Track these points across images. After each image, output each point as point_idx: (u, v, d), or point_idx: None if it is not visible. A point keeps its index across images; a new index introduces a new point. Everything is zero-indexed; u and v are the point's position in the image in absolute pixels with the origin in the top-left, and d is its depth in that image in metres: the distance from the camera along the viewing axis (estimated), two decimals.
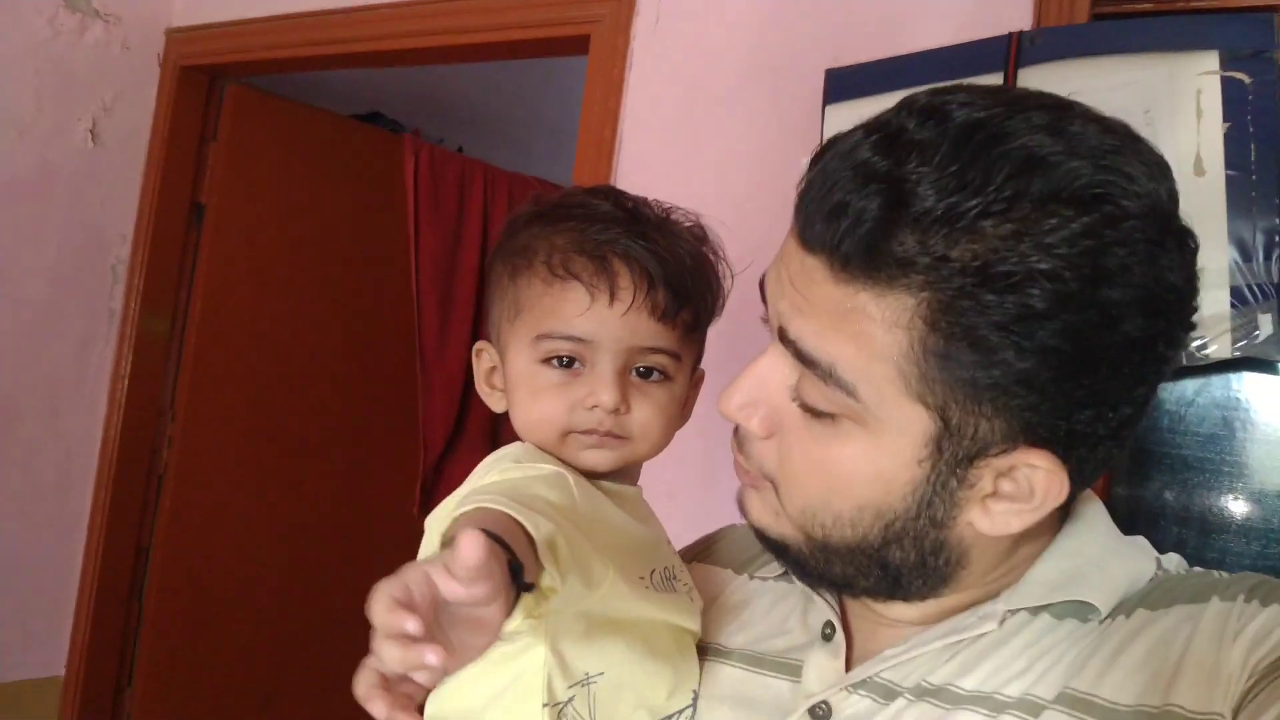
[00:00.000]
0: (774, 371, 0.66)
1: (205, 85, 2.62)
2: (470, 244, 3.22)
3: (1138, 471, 1.47)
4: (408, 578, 0.51)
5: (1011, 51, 1.50)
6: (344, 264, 2.99)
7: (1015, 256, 0.55)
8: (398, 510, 3.10)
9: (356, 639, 0.59)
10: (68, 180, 2.42)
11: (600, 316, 0.76)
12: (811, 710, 0.69)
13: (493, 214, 3.27)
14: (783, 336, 0.65)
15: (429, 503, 3.21)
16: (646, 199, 0.84)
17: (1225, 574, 0.67)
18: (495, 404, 0.85)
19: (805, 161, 0.65)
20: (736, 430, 0.71)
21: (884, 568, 0.67)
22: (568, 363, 0.78)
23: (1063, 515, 0.70)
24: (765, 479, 0.69)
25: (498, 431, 3.38)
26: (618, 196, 0.82)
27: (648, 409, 0.79)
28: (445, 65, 2.35)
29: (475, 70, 2.77)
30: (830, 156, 0.61)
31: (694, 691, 0.78)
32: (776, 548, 0.72)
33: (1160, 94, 1.39)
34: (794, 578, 0.77)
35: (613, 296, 0.76)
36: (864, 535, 0.65)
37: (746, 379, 0.68)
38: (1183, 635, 0.61)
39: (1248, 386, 1.42)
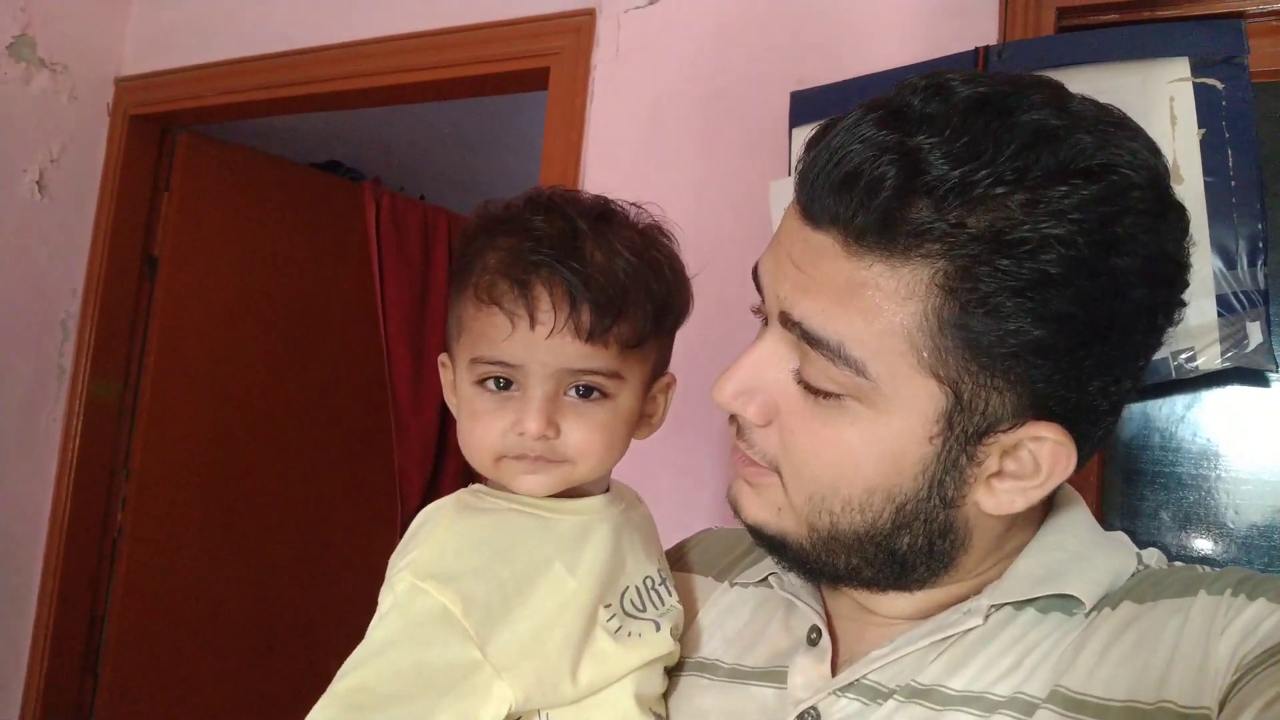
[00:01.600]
0: (771, 358, 0.65)
1: (157, 134, 2.56)
2: (438, 291, 3.17)
3: (1132, 493, 1.42)
4: None
5: (979, 66, 1.48)
6: (306, 315, 2.92)
7: (1030, 224, 0.56)
8: (369, 568, 3.00)
9: None
10: (13, 234, 2.34)
11: (525, 341, 0.75)
12: (800, 717, 0.68)
13: None
14: (785, 320, 0.64)
15: None
16: (599, 200, 0.82)
17: (1209, 569, 0.67)
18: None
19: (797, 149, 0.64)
20: (733, 419, 0.70)
21: (892, 554, 0.66)
22: (504, 384, 0.77)
23: (1044, 511, 0.71)
24: (770, 468, 0.68)
25: (469, 481, 3.30)
26: (555, 208, 0.79)
27: (583, 429, 0.77)
28: (404, 106, 2.30)
29: (434, 117, 2.73)
30: (833, 134, 0.60)
31: (656, 715, 0.77)
32: (774, 544, 0.70)
33: (1133, 102, 1.36)
34: (776, 584, 0.77)
35: (533, 321, 0.74)
36: (874, 521, 0.64)
37: (741, 367, 0.67)
38: (1171, 629, 0.61)
39: (1240, 398, 1.38)
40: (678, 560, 0.90)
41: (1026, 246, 0.56)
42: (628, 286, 0.77)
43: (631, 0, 1.86)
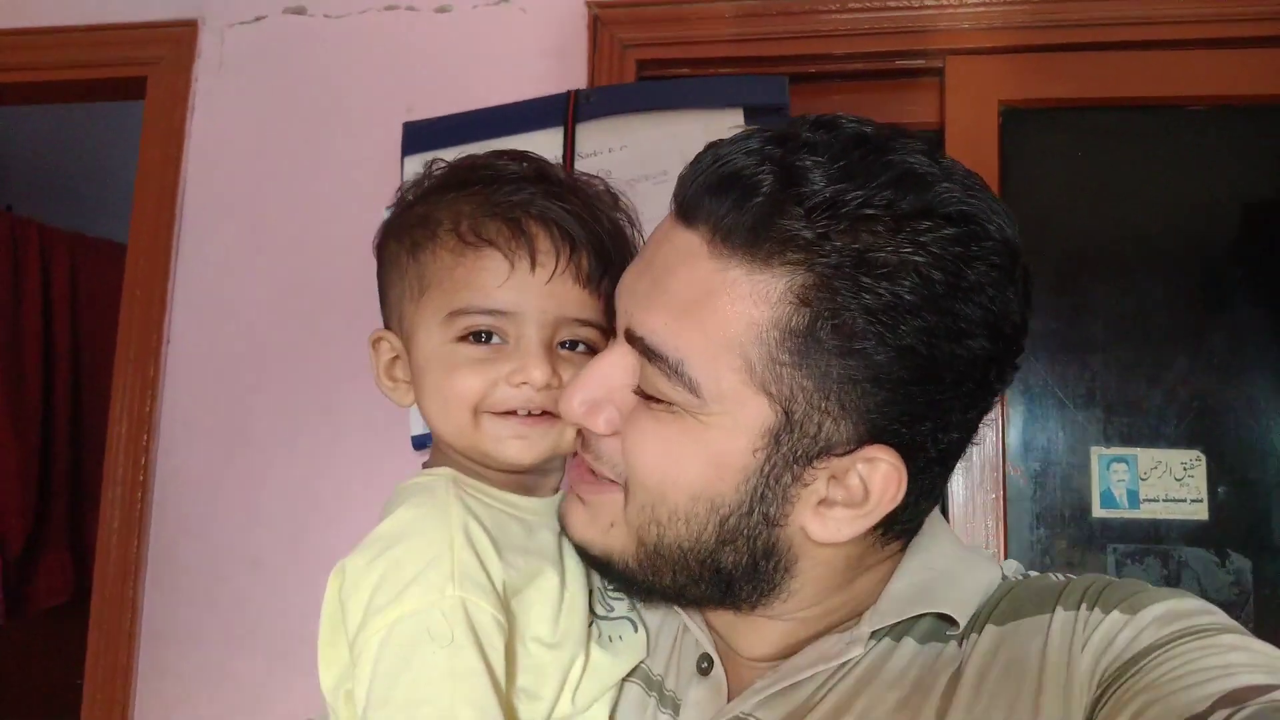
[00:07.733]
0: (617, 369, 0.66)
1: None
2: (32, 309, 2.88)
3: None
4: None
5: (570, 107, 1.60)
6: None
7: (892, 247, 0.57)
8: None
9: None
10: None
11: (522, 285, 0.69)
12: None
13: (54, 276, 2.96)
14: (629, 336, 0.64)
15: (19, 607, 2.80)
16: (549, 161, 0.77)
17: (1059, 577, 0.68)
18: (400, 397, 0.76)
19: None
20: (579, 433, 0.69)
21: (717, 572, 0.66)
22: (486, 338, 0.70)
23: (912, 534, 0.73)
24: (619, 480, 0.67)
25: (81, 523, 3.02)
26: (525, 156, 0.75)
27: None
28: None
29: (25, 122, 2.50)
30: (722, 144, 0.62)
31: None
32: (599, 563, 0.70)
33: (698, 147, 1.54)
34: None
35: (534, 262, 0.69)
36: (698, 534, 0.64)
37: (589, 377, 0.66)
38: (1035, 650, 0.62)
39: None
40: None
41: (887, 268, 0.57)
42: (613, 235, 0.73)
43: (236, 14, 1.83)
